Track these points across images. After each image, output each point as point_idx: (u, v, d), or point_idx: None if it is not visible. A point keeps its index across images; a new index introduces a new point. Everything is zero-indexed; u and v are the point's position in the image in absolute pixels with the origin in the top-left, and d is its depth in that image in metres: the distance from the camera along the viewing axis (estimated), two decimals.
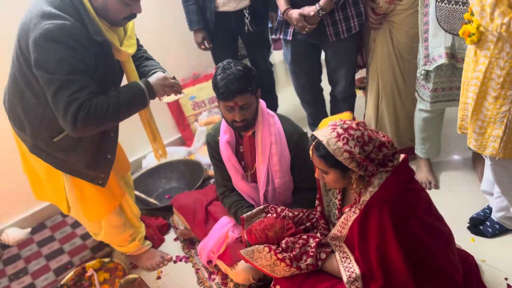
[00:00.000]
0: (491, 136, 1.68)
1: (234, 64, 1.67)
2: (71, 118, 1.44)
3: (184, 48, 2.97)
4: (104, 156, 1.74)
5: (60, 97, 1.43)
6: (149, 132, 1.94)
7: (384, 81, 2.33)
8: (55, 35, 1.39)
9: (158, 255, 2.18)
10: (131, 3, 1.49)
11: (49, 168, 1.72)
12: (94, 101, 1.48)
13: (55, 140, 1.63)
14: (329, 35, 2.21)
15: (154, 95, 1.66)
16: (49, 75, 1.41)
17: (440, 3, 1.87)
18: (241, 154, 1.89)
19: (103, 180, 1.76)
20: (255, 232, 1.68)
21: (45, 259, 2.33)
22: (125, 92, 1.59)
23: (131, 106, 1.60)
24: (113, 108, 1.52)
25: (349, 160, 1.37)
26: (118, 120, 1.61)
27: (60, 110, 1.45)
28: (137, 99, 1.61)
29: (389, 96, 2.36)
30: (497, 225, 1.94)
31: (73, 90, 1.42)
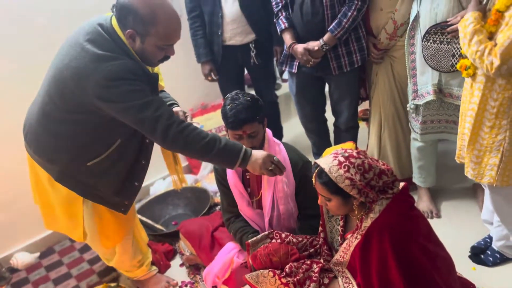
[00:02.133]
0: (488, 164, 1.74)
1: (242, 95, 1.77)
2: (161, 132, 1.52)
3: (193, 79, 3.09)
4: (131, 183, 1.79)
5: (145, 117, 1.51)
6: (171, 161, 2.00)
7: (386, 112, 2.42)
8: (119, 74, 1.48)
9: (164, 280, 2.21)
10: (165, 48, 1.60)
11: (70, 197, 1.75)
12: (193, 127, 1.57)
13: (89, 164, 1.67)
14: (333, 68, 2.32)
15: (246, 163, 1.64)
16: (124, 104, 1.50)
17: (426, 42, 1.98)
18: (247, 181, 1.96)
19: (126, 208, 1.82)
20: (260, 257, 1.72)
21: (53, 283, 2.37)
22: (225, 142, 1.61)
23: (220, 155, 1.60)
24: (207, 144, 1.57)
25: (351, 187, 1.44)
26: (202, 157, 1.64)
27: (148, 128, 1.53)
28: (230, 155, 1.62)
29: (391, 127, 2.44)
30: (497, 254, 1.97)
31: (154, 108, 1.51)
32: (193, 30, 2.68)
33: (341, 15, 2.19)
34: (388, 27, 2.21)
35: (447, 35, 1.92)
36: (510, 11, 1.52)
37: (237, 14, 2.54)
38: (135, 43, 1.56)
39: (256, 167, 1.64)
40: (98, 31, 1.54)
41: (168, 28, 1.55)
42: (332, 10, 2.20)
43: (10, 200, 2.51)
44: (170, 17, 1.54)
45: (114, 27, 1.55)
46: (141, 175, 1.83)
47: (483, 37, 1.57)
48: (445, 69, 1.97)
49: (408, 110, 2.26)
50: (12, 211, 2.53)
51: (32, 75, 1.92)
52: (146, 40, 1.54)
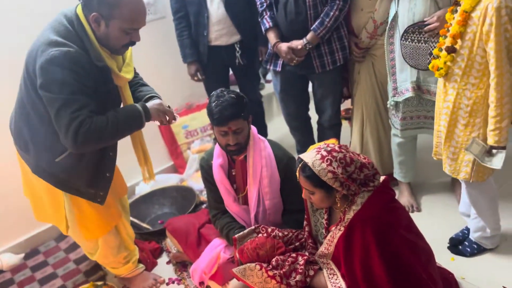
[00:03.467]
0: (464, 161, 1.81)
1: (227, 92, 1.80)
2: (72, 134, 1.55)
3: (178, 79, 3.12)
4: (103, 174, 1.83)
5: (62, 114, 1.54)
6: (140, 155, 2.04)
7: (368, 110, 2.48)
8: (60, 60, 1.52)
9: (151, 278, 2.23)
10: (131, 32, 1.63)
11: (50, 188, 1.80)
12: (94, 119, 1.59)
13: (57, 160, 1.72)
14: (316, 66, 2.38)
15: (149, 118, 1.77)
16: (52, 95, 1.54)
17: (405, 41, 2.06)
18: (233, 177, 1.99)
19: (102, 198, 1.85)
20: (247, 251, 1.76)
21: (39, 284, 2.36)
22: (123, 112, 1.71)
23: (128, 125, 1.72)
24: (111, 126, 1.63)
25: (333, 180, 1.49)
26: (116, 137, 1.73)
27: (62, 127, 1.56)
28: (134, 120, 1.72)
29: (373, 124, 2.51)
30: (475, 244, 2.05)
31: (74, 108, 1.55)
32: (179, 31, 2.71)
33: (323, 14, 2.25)
34: (368, 27, 2.28)
35: (424, 34, 1.99)
36: (476, 12, 1.59)
37: (222, 15, 2.58)
38: (99, 27, 1.60)
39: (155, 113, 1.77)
40: (60, 20, 1.61)
41: (133, 11, 1.59)
42: (315, 9, 2.26)
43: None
44: (134, 0, 1.59)
45: (78, 14, 1.61)
46: (111, 166, 1.87)
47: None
48: (423, 67, 2.04)
49: (388, 107, 2.32)
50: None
51: (17, 71, 1.93)
52: (110, 24, 1.59)
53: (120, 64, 1.77)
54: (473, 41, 1.63)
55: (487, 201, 1.92)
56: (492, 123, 1.65)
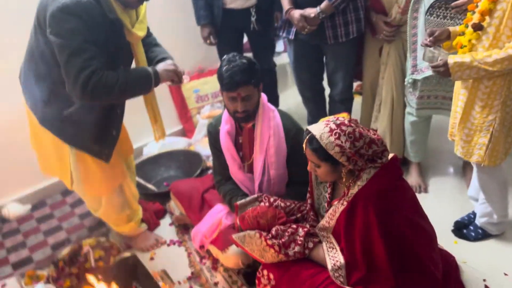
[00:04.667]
0: (477, 144, 1.76)
1: (239, 57, 1.76)
2: (82, 83, 1.55)
3: (191, 42, 3.05)
4: (109, 132, 1.84)
5: (73, 62, 1.54)
6: (151, 114, 2.03)
7: (399, 93, 2.37)
8: (71, 9, 1.51)
9: (152, 238, 2.26)
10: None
11: (57, 142, 1.81)
12: (106, 73, 1.59)
13: (65, 113, 1.72)
14: (328, 37, 2.31)
15: (158, 82, 1.77)
16: (64, 41, 1.53)
17: (429, 16, 1.96)
18: (240, 145, 1.97)
19: (107, 156, 1.86)
20: (248, 219, 1.75)
21: (43, 235, 2.41)
22: (134, 73, 1.72)
23: (136, 87, 1.72)
24: (120, 84, 1.63)
25: (340, 154, 1.46)
26: (123, 96, 1.74)
27: (72, 75, 1.56)
28: (143, 83, 1.73)
29: (403, 109, 2.40)
30: (480, 229, 2.02)
31: (86, 57, 1.54)
32: None
33: None
34: (400, 0, 2.17)
35: (451, 10, 1.90)
36: None
37: None
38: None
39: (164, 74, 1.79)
40: None
41: None
42: None
43: (4, 151, 2.52)
44: None
45: None
46: (118, 123, 1.88)
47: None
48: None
49: (405, 85, 2.25)
50: (5, 162, 2.54)
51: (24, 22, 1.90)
52: None
53: (134, 20, 1.74)
54: (501, 19, 1.55)
55: (497, 186, 1.88)
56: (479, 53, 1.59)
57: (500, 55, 1.53)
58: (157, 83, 1.77)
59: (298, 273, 1.62)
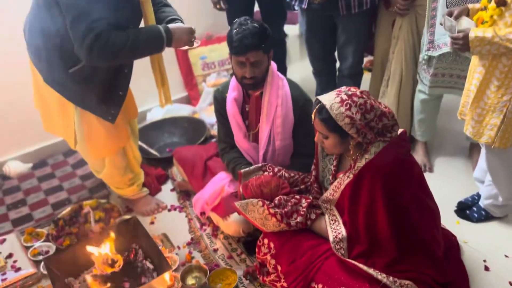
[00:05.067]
0: (489, 124, 1.72)
1: (251, 21, 1.71)
2: (87, 46, 1.50)
3: (200, 7, 2.98)
4: (116, 92, 1.80)
5: (79, 23, 1.49)
6: (158, 76, 1.98)
7: (408, 70, 2.32)
8: None
9: (154, 202, 2.26)
10: None
11: (61, 101, 1.77)
12: (113, 34, 1.53)
13: (71, 71, 1.68)
14: (341, 7, 2.24)
15: (171, 43, 1.70)
16: (70, 1, 1.47)
17: None
18: (246, 113, 1.94)
19: (113, 116, 1.82)
20: (251, 187, 1.74)
21: (44, 194, 2.41)
22: (145, 32, 1.65)
23: (148, 46, 1.66)
24: (131, 44, 1.58)
25: (350, 126, 1.42)
26: (133, 57, 1.68)
27: (78, 37, 1.51)
28: (156, 41, 1.67)
29: (412, 86, 2.36)
30: (483, 211, 2.01)
31: (93, 18, 1.48)
32: None
33: None
34: None
35: None
36: None
37: None
38: None
39: (182, 42, 1.74)
40: None
41: None
42: None
43: (6, 109, 2.49)
44: None
45: None
46: (125, 84, 1.83)
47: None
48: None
49: (419, 61, 2.19)
50: (8, 120, 2.52)
51: None
52: None
53: None
54: None
55: (506, 169, 1.85)
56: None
57: None
58: (170, 43, 1.70)
59: (299, 244, 1.62)
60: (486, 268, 1.78)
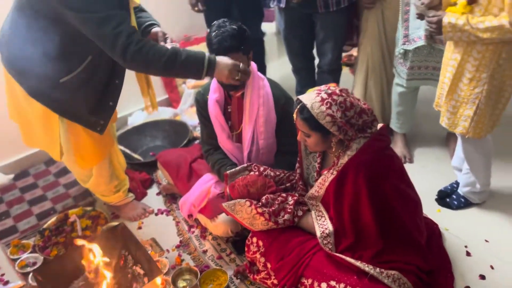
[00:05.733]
0: (463, 115, 1.79)
1: (229, 23, 1.72)
2: (120, 50, 1.50)
3: (177, 9, 2.97)
4: (106, 102, 1.79)
5: (104, 32, 1.49)
6: (143, 83, 1.97)
7: (374, 60, 2.41)
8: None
9: (140, 207, 2.26)
10: None
11: (46, 113, 1.73)
12: (152, 43, 1.54)
13: (62, 81, 1.65)
14: (319, 5, 2.28)
15: (212, 73, 1.63)
16: (86, 15, 1.47)
17: None
18: (229, 114, 1.96)
19: (102, 127, 1.81)
20: (238, 188, 1.76)
21: (28, 204, 2.38)
22: (187, 54, 1.60)
23: (184, 69, 1.61)
24: (168, 59, 1.55)
25: (331, 124, 1.46)
26: (166, 73, 1.69)
27: (108, 45, 1.51)
28: (194, 67, 1.61)
29: (377, 75, 2.45)
30: (462, 198, 2.08)
31: (115, 24, 1.48)
32: None
33: None
34: None
35: None
36: None
37: None
38: None
39: (223, 76, 1.65)
40: None
41: None
42: None
43: None
44: None
45: None
46: (115, 94, 1.81)
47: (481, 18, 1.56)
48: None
49: (396, 55, 2.25)
50: None
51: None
52: None
53: None
54: None
55: (482, 157, 1.92)
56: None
57: (492, 23, 1.53)
58: (211, 73, 1.62)
59: (287, 240, 1.65)
60: (467, 253, 1.85)
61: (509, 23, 1.51)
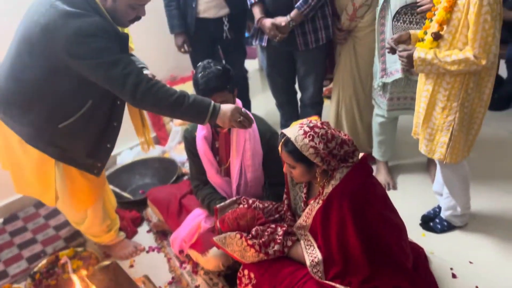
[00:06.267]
0: (439, 142, 1.88)
1: (214, 64, 1.82)
2: (130, 89, 1.54)
3: (164, 50, 3.09)
4: (104, 145, 1.82)
5: (114, 74, 1.52)
6: (138, 122, 2.03)
7: (345, 92, 2.56)
8: (90, 30, 1.49)
9: (131, 245, 2.27)
10: (137, 7, 1.63)
11: (42, 159, 1.75)
12: (161, 83, 1.59)
13: (61, 126, 1.67)
14: (299, 44, 2.40)
15: (215, 119, 1.68)
16: (94, 61, 1.51)
17: (396, 22, 2.09)
18: (217, 150, 2.02)
19: (99, 170, 1.84)
20: (228, 221, 1.80)
21: (18, 248, 2.37)
22: (194, 98, 1.64)
23: (189, 111, 1.64)
24: (176, 100, 1.60)
25: (314, 155, 1.53)
26: (172, 114, 1.68)
27: (117, 86, 1.55)
28: (199, 111, 1.65)
29: (348, 106, 2.60)
30: (445, 222, 2.15)
31: (123, 66, 1.53)
32: (167, 1, 2.68)
33: None
34: (348, 9, 2.32)
35: (416, 16, 2.01)
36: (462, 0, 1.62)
37: None
38: (106, 2, 1.58)
39: (226, 120, 1.68)
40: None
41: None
42: None
43: None
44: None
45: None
46: (113, 136, 1.85)
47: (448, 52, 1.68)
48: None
49: (374, 88, 2.37)
50: None
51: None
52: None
53: None
54: (457, 28, 1.67)
55: (460, 181, 2.00)
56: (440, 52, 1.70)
57: (458, 56, 1.65)
58: (214, 119, 1.67)
59: (278, 271, 1.68)
60: (453, 275, 1.90)
61: (473, 55, 1.63)
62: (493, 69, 1.73)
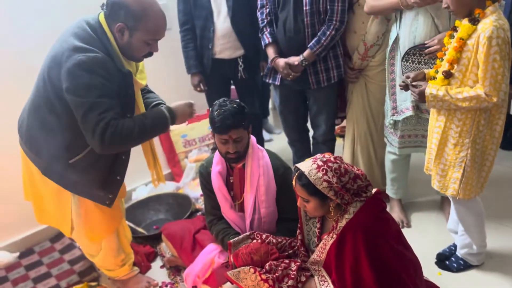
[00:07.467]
0: (452, 178, 1.89)
1: (230, 102, 1.89)
2: (99, 135, 1.63)
3: (180, 89, 3.17)
4: (114, 177, 1.88)
5: (89, 117, 1.62)
6: (150, 158, 2.09)
7: (359, 128, 2.59)
8: (87, 65, 1.60)
9: (144, 280, 2.26)
10: (151, 43, 1.74)
11: (58, 190, 1.84)
12: (121, 122, 1.67)
13: (71, 162, 1.77)
14: (311, 82, 2.48)
15: (175, 120, 1.86)
16: (79, 99, 1.61)
17: (405, 62, 2.16)
18: (231, 185, 2.06)
19: (110, 201, 1.89)
20: (242, 256, 1.81)
21: (33, 282, 2.38)
22: (149, 116, 1.81)
23: (155, 128, 1.80)
24: (139, 129, 1.72)
25: (328, 189, 1.56)
26: (142, 140, 1.81)
27: (89, 129, 1.63)
28: (161, 122, 1.81)
29: (363, 143, 2.62)
30: (461, 260, 2.12)
31: (101, 110, 1.62)
32: (184, 42, 2.80)
33: (320, 33, 2.36)
34: (360, 48, 2.41)
35: (424, 56, 2.09)
36: (472, 39, 1.69)
37: (228, 30, 2.68)
38: (123, 37, 1.69)
39: (185, 118, 1.90)
40: (83, 27, 1.68)
41: (157, 25, 1.71)
42: (313, 28, 2.37)
43: None
44: (158, 15, 1.71)
45: (101, 23, 1.69)
46: (122, 169, 1.92)
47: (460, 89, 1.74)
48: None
49: (386, 126, 2.42)
50: None
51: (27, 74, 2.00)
52: (134, 35, 1.68)
53: (135, 71, 1.86)
54: (467, 67, 1.72)
55: (474, 218, 1.99)
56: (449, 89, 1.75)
57: (469, 93, 1.69)
58: (174, 120, 1.85)
59: None
60: None
61: (484, 93, 1.68)
62: (503, 106, 1.77)
